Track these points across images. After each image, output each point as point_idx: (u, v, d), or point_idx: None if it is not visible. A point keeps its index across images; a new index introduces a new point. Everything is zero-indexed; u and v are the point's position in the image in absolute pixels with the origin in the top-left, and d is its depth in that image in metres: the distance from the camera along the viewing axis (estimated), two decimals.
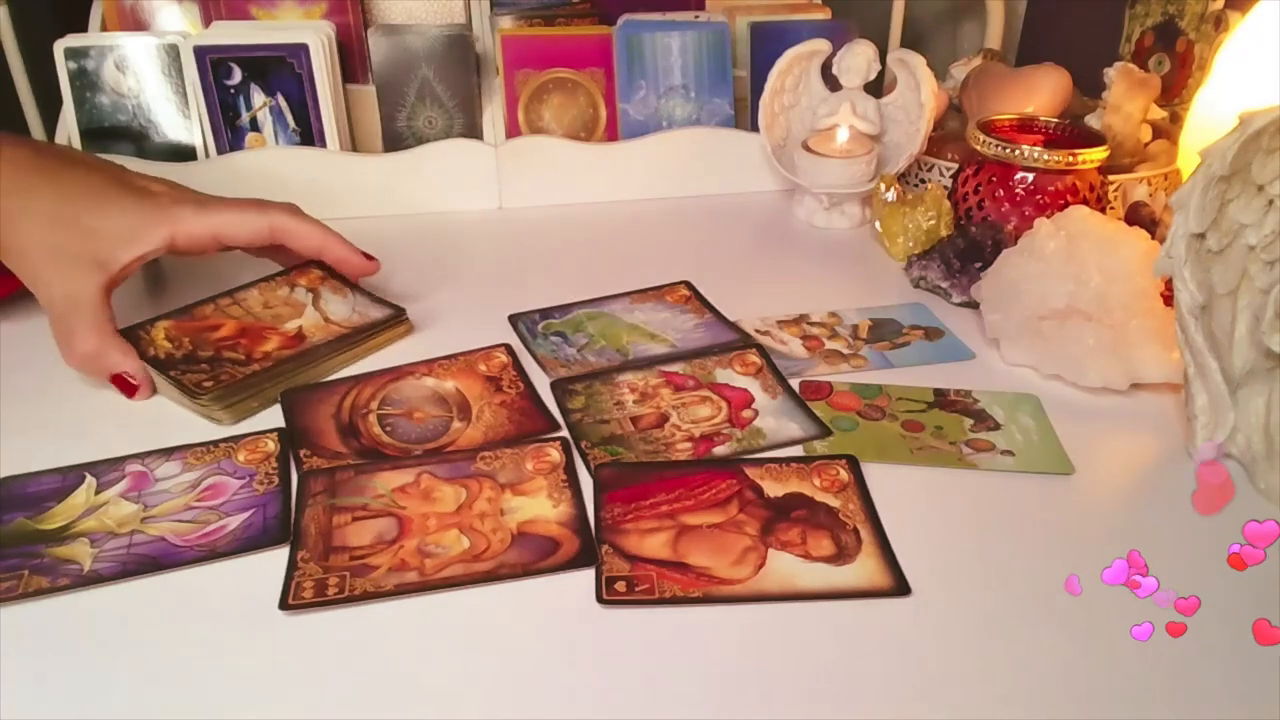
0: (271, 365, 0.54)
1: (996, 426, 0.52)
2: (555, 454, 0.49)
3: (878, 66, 0.75)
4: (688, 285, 0.66)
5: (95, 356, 0.53)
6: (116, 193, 0.54)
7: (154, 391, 0.54)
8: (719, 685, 0.37)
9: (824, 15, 0.87)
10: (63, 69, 0.73)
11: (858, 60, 0.74)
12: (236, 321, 0.58)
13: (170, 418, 0.53)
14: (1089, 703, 0.36)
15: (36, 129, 0.92)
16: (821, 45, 0.77)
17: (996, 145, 0.67)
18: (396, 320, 0.60)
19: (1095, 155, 0.65)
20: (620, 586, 0.41)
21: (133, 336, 0.55)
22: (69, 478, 0.48)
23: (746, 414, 0.53)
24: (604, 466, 0.48)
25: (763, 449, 0.50)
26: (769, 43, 0.81)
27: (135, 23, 0.79)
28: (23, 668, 0.38)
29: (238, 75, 0.74)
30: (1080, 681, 0.37)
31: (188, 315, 0.58)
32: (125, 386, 0.54)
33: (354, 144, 0.80)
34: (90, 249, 0.53)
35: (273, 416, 0.53)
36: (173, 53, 0.74)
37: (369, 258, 0.62)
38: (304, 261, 0.62)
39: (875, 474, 0.48)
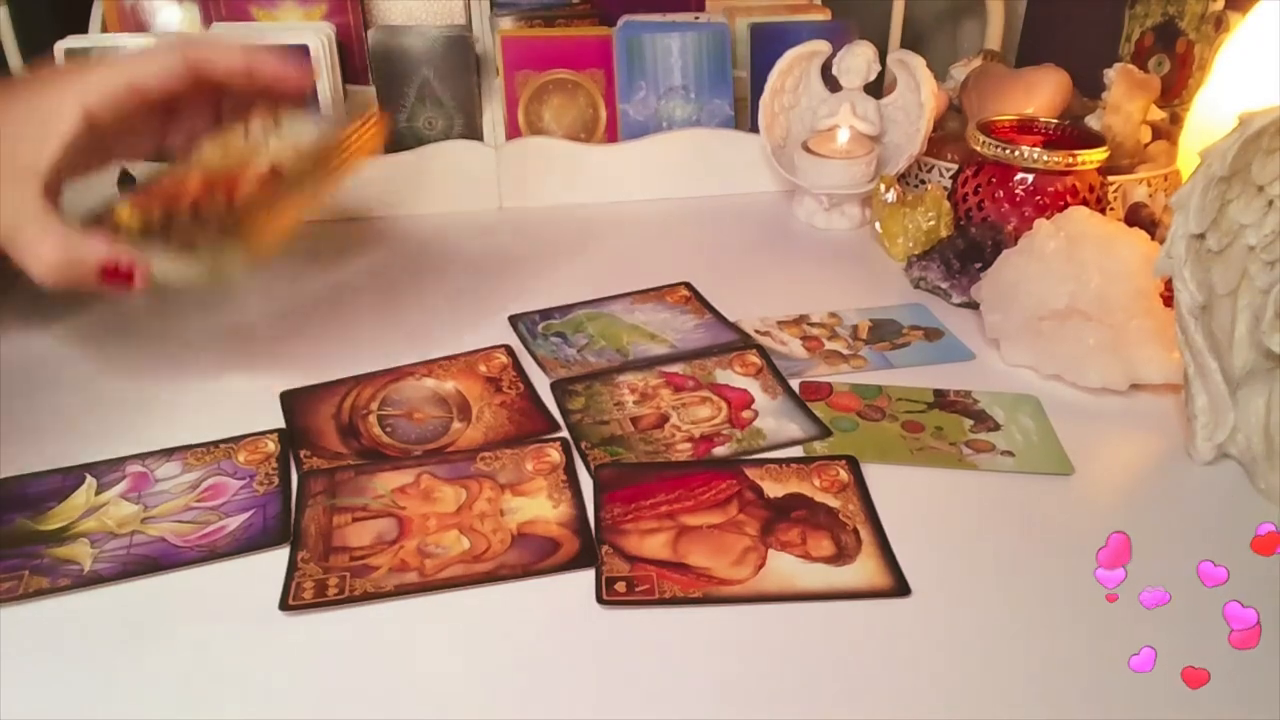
0: (254, 197, 0.49)
1: (996, 427, 0.52)
2: (555, 454, 0.49)
3: (878, 67, 0.75)
4: (688, 286, 0.66)
5: (66, 260, 0.47)
6: (8, 96, 0.48)
7: (149, 279, 0.48)
8: (719, 685, 0.37)
9: (824, 16, 0.87)
10: None
11: (858, 61, 0.74)
12: (201, 176, 0.51)
13: (170, 417, 0.53)
14: (1089, 702, 0.36)
15: None
16: (821, 46, 0.77)
17: (996, 146, 0.67)
18: (368, 117, 0.54)
19: (1095, 156, 0.65)
20: (620, 587, 0.41)
21: (122, 271, 0.48)
22: (69, 478, 0.48)
23: (746, 414, 0.53)
24: (604, 467, 0.48)
25: (763, 449, 0.50)
26: (769, 43, 0.81)
27: (135, 24, 0.79)
28: (23, 668, 0.38)
29: None
30: (1081, 681, 0.37)
31: (144, 191, 0.51)
32: (119, 277, 0.47)
33: None
34: (6, 161, 0.47)
35: (273, 417, 0.53)
36: None
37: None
38: (244, 103, 0.54)
39: (875, 474, 0.48)
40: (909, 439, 0.51)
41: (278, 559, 0.43)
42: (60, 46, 0.73)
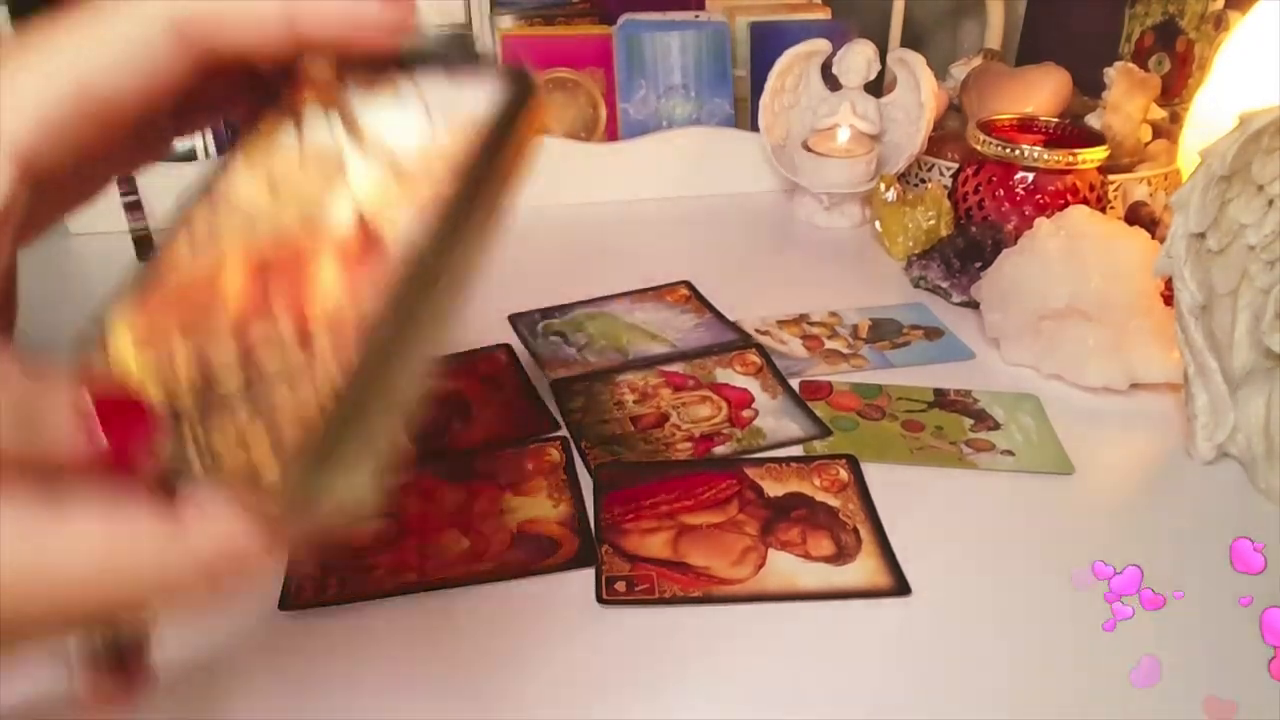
0: (360, 340, 0.23)
1: (996, 426, 0.52)
2: (555, 454, 0.49)
3: (878, 66, 0.75)
4: (688, 285, 0.66)
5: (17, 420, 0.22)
6: None
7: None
8: (719, 685, 0.37)
9: (824, 15, 0.87)
10: None
11: (858, 60, 0.74)
12: (241, 256, 0.25)
13: None
14: (1089, 702, 0.36)
15: None
16: (821, 45, 0.77)
17: (996, 145, 0.66)
18: (520, 84, 0.27)
19: (1095, 155, 0.65)
20: (620, 586, 0.41)
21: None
22: None
23: (746, 414, 0.53)
24: (604, 466, 0.48)
25: (763, 449, 0.50)
26: (769, 43, 0.81)
27: None
28: (23, 667, 0.38)
29: None
30: (1081, 681, 0.37)
31: (153, 275, 0.26)
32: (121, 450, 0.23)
33: None
34: None
35: None
36: None
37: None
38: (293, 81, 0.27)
39: (875, 474, 0.48)
40: (909, 438, 0.51)
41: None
42: None
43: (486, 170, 0.26)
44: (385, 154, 0.26)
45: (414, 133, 0.26)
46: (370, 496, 0.23)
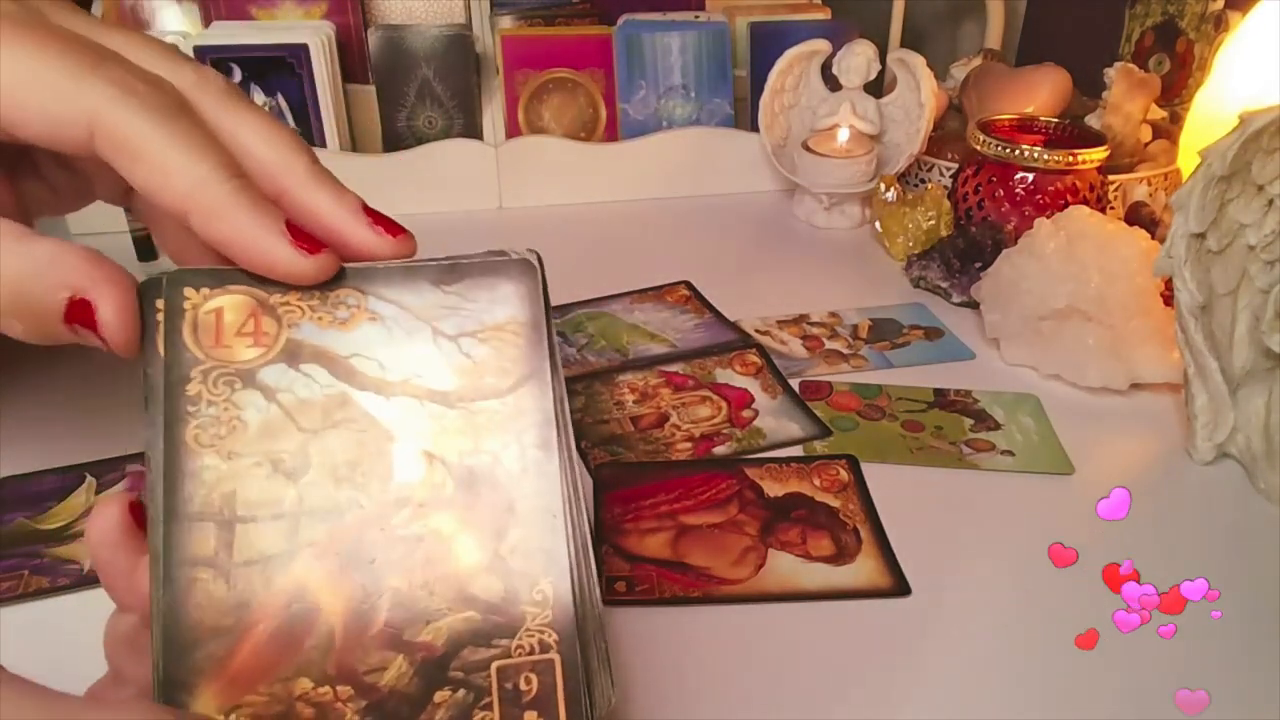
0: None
1: (996, 426, 0.52)
2: None
3: (878, 66, 0.75)
4: (688, 285, 0.66)
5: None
6: None
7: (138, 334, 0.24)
8: (719, 685, 0.37)
9: (824, 15, 0.87)
10: None
11: (858, 60, 0.74)
12: (303, 559, 0.21)
13: None
14: (1089, 702, 0.36)
15: None
16: (821, 45, 0.77)
17: (996, 145, 0.66)
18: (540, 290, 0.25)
19: (1095, 155, 0.65)
20: (620, 586, 0.41)
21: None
22: (69, 478, 0.48)
23: (746, 414, 0.53)
24: (604, 466, 0.48)
25: (763, 449, 0.50)
26: (769, 43, 0.81)
27: (135, 23, 0.79)
28: (23, 668, 0.38)
29: (238, 75, 0.74)
30: (1081, 681, 0.37)
31: (211, 655, 0.21)
32: (85, 317, 0.22)
33: (354, 144, 0.80)
34: None
35: None
36: None
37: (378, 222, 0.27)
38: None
39: (875, 474, 0.48)
40: (909, 438, 0.51)
41: None
42: None
43: (553, 349, 0.23)
44: (417, 390, 0.22)
45: (426, 354, 0.23)
46: (613, 693, 0.23)
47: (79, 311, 0.22)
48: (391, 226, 0.26)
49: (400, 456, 0.22)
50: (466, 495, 0.21)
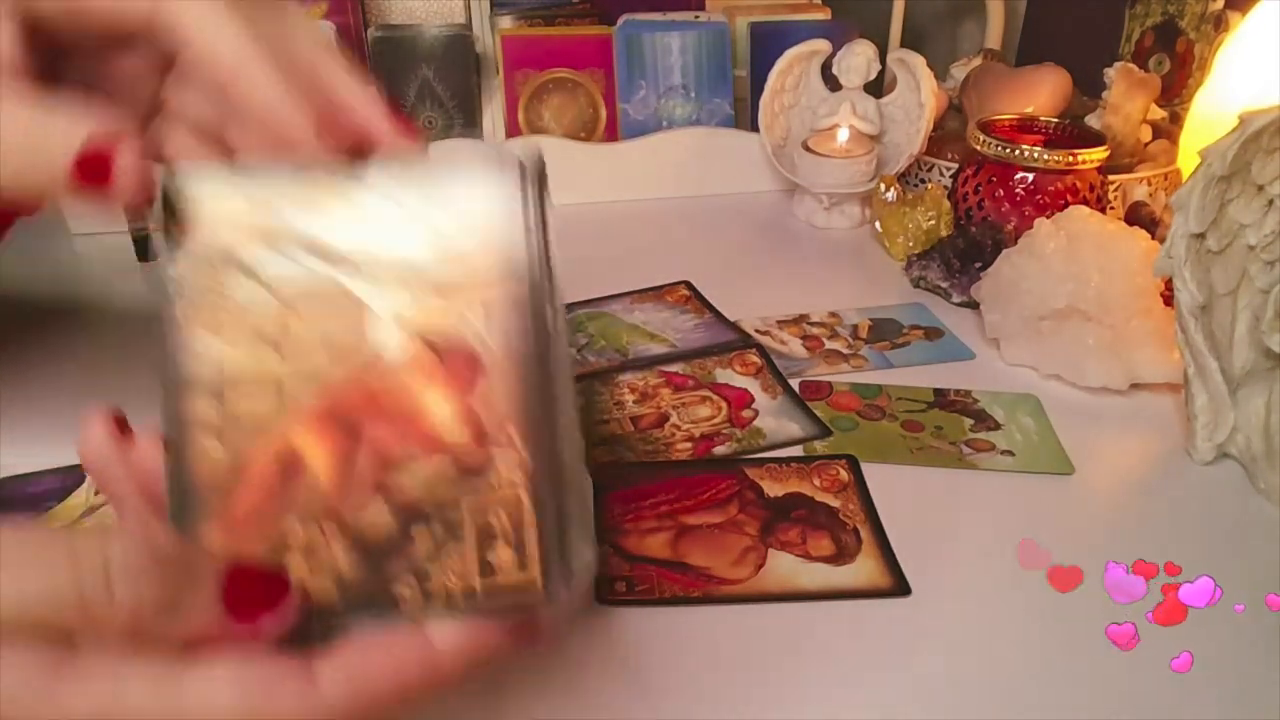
0: (524, 431, 0.24)
1: (996, 426, 0.52)
2: None
3: (878, 66, 0.75)
4: (688, 285, 0.66)
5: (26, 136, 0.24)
6: None
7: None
8: (719, 685, 0.37)
9: (824, 15, 0.87)
10: None
11: (858, 60, 0.74)
12: (298, 425, 0.24)
13: None
14: (1089, 703, 0.36)
15: None
16: (821, 45, 0.77)
17: (996, 145, 0.66)
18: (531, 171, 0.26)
19: (1095, 155, 0.65)
20: (620, 586, 0.41)
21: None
22: (69, 478, 0.48)
23: (746, 414, 0.53)
24: (604, 466, 0.48)
25: (763, 449, 0.50)
26: (769, 43, 0.81)
27: None
28: None
29: None
30: (1081, 681, 0.37)
31: (206, 499, 0.24)
32: (98, 169, 0.24)
33: None
34: None
35: None
36: None
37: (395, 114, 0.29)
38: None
39: (875, 474, 0.48)
40: (909, 438, 0.51)
41: None
42: None
43: (544, 254, 0.25)
44: (395, 269, 0.24)
45: (405, 238, 0.24)
46: (594, 558, 0.25)
47: (93, 164, 0.24)
48: (409, 127, 0.28)
49: (375, 323, 0.24)
50: (436, 356, 0.24)
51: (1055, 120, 0.71)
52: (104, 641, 0.21)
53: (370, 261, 0.24)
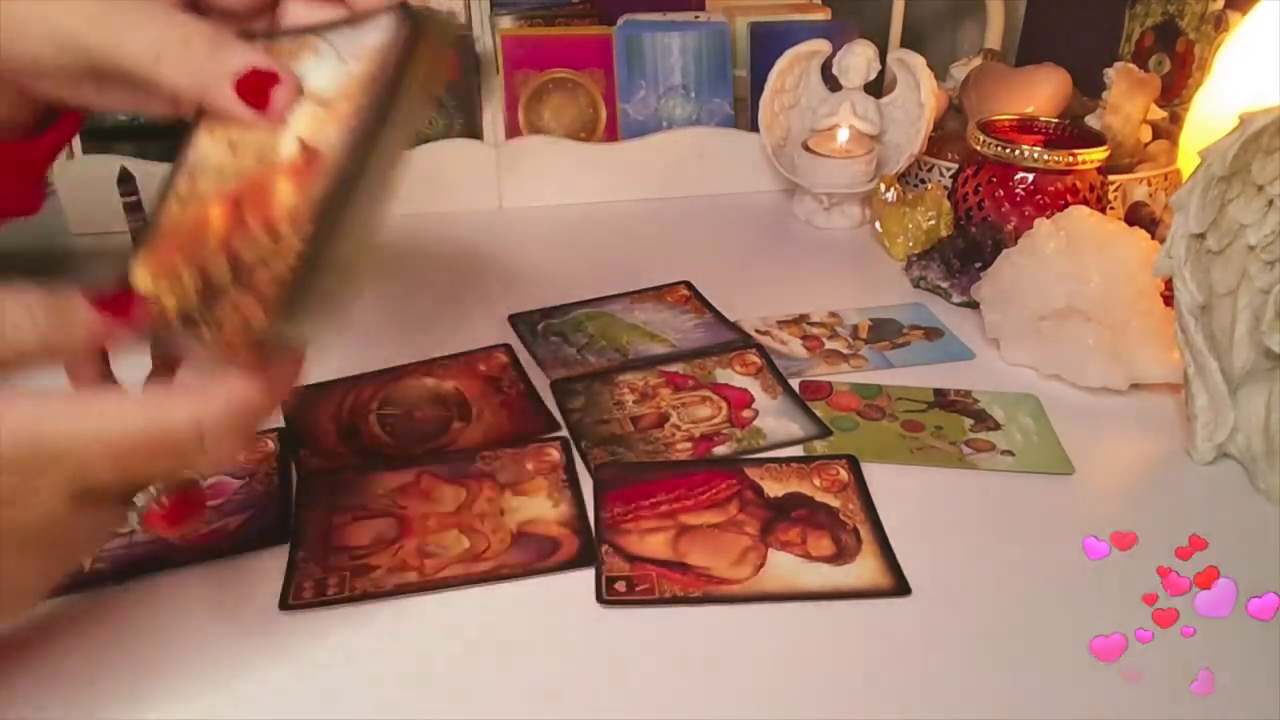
0: (312, 220, 0.31)
1: (997, 426, 0.52)
2: (555, 454, 0.49)
3: (878, 66, 0.75)
4: (688, 285, 0.66)
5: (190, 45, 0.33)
6: None
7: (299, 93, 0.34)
8: (719, 685, 0.37)
9: (824, 15, 0.87)
10: None
11: (858, 60, 0.74)
12: (219, 195, 0.34)
13: None
14: (1089, 702, 0.36)
15: None
16: (821, 45, 0.77)
17: (996, 145, 0.66)
18: (414, 20, 0.33)
19: (1095, 155, 0.65)
20: (620, 586, 0.41)
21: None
22: None
23: (746, 414, 0.53)
24: (604, 466, 0.48)
25: (763, 449, 0.50)
26: (769, 43, 0.81)
27: None
28: (21, 669, 0.38)
29: None
30: (1080, 681, 0.37)
31: (155, 232, 0.35)
32: (261, 88, 0.33)
33: None
34: None
35: (273, 416, 0.53)
36: None
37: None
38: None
39: (875, 474, 0.48)
40: (909, 438, 0.51)
41: (277, 558, 0.43)
42: None
43: (389, 76, 0.32)
44: (313, 94, 0.34)
45: (333, 73, 0.34)
46: (324, 329, 0.32)
47: (254, 83, 0.33)
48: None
49: (286, 134, 0.33)
50: (304, 162, 0.32)
51: (1055, 120, 0.71)
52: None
53: (309, 92, 0.34)
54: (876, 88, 0.77)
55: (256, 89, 0.34)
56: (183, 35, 0.34)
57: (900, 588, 0.41)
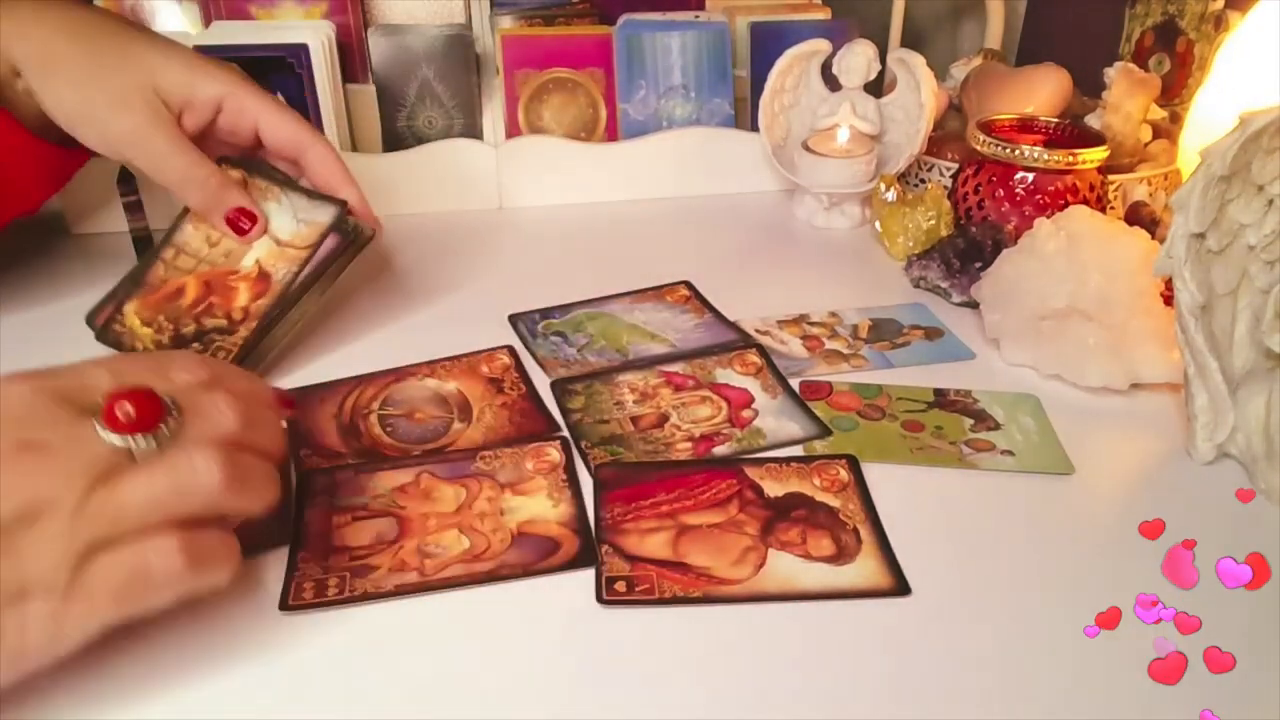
0: (257, 323, 0.53)
1: (997, 426, 0.52)
2: (555, 454, 0.49)
3: (878, 66, 0.75)
4: (688, 285, 0.66)
5: (191, 178, 0.54)
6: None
7: (265, 229, 0.55)
8: (719, 685, 0.37)
9: (824, 15, 0.87)
10: None
11: (858, 60, 0.74)
12: (194, 276, 0.55)
13: None
14: (1089, 702, 0.36)
15: None
16: (821, 45, 0.77)
17: (996, 145, 0.67)
18: (348, 228, 0.55)
19: (1095, 155, 0.65)
20: (620, 586, 0.41)
21: (110, 333, 0.55)
22: None
23: (746, 414, 0.53)
24: (604, 466, 0.48)
25: (763, 449, 0.50)
26: (769, 43, 0.81)
27: (135, 23, 0.78)
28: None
29: None
30: (1080, 681, 0.37)
31: (143, 286, 0.55)
32: (242, 220, 0.55)
33: (354, 144, 0.80)
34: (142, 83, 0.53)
35: None
36: None
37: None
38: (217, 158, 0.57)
39: (875, 474, 0.48)
40: (909, 438, 0.51)
41: (277, 559, 0.43)
42: None
43: (325, 255, 0.55)
44: (272, 233, 0.56)
45: (288, 224, 0.56)
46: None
47: (241, 215, 0.56)
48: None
49: (249, 254, 0.55)
50: (258, 278, 0.55)
51: (1055, 120, 0.71)
52: None
53: (270, 230, 0.56)
54: (876, 88, 0.77)
55: (239, 219, 0.55)
56: (203, 176, 0.54)
57: (900, 588, 0.41)
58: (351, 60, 0.80)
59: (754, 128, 0.80)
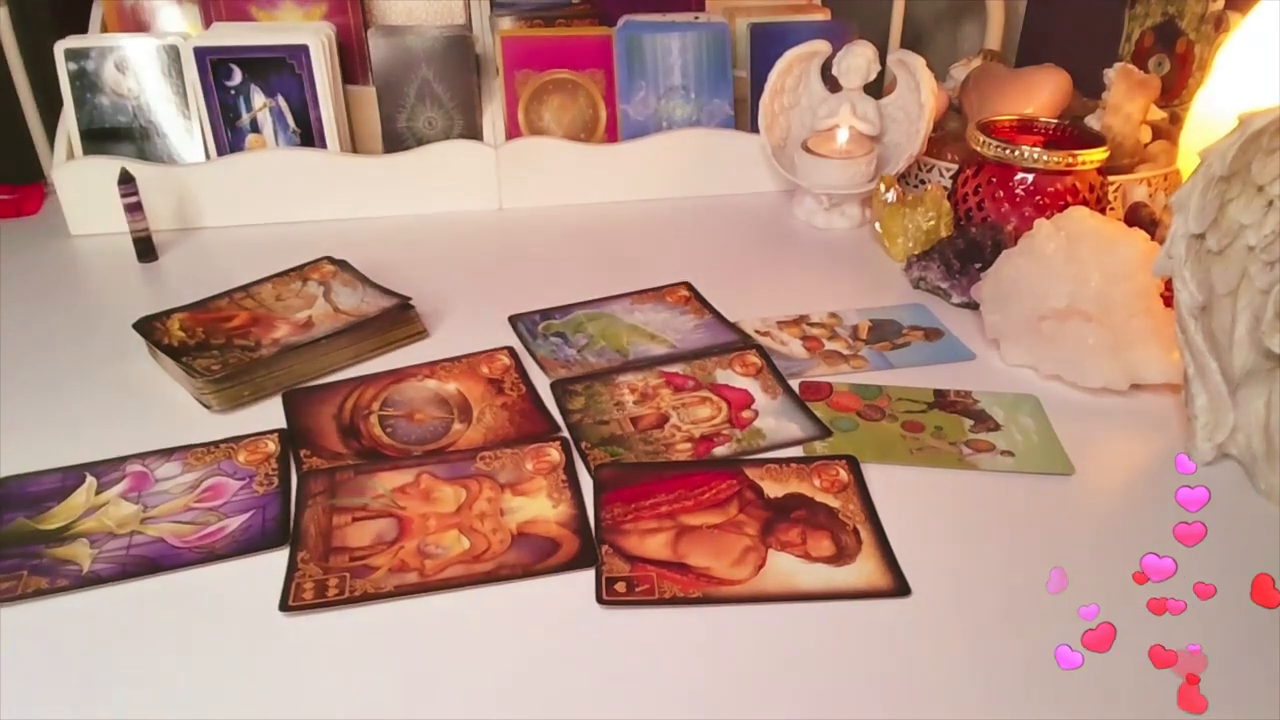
0: (276, 352, 0.56)
1: (996, 427, 0.52)
2: (555, 454, 0.49)
3: (878, 67, 0.75)
4: (688, 286, 0.66)
5: None
6: None
7: None
8: (719, 685, 0.37)
9: (824, 16, 0.87)
10: (63, 70, 0.73)
11: (858, 61, 0.74)
12: (249, 313, 0.61)
13: (171, 417, 0.53)
14: (1089, 702, 0.36)
15: (37, 129, 0.92)
16: (821, 46, 0.77)
17: (996, 146, 0.67)
18: (405, 314, 0.61)
19: (1095, 156, 0.65)
20: (620, 587, 0.41)
21: (148, 326, 0.58)
22: (69, 478, 0.48)
23: (746, 414, 0.53)
24: (604, 467, 0.48)
25: (763, 449, 0.50)
26: (769, 43, 0.81)
27: (135, 24, 0.79)
28: (21, 667, 0.38)
29: (238, 76, 0.74)
30: (1080, 680, 0.37)
31: (202, 308, 0.61)
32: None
33: (354, 144, 0.80)
34: None
35: (274, 416, 0.53)
36: (173, 54, 0.74)
37: None
38: (317, 258, 0.66)
39: (875, 474, 0.48)
40: (909, 439, 0.51)
41: (278, 559, 0.43)
42: (60, 47, 0.73)
43: (360, 332, 0.59)
44: (334, 301, 0.62)
45: (352, 301, 0.61)
46: (211, 402, 0.54)
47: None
48: None
49: (303, 310, 0.62)
50: (302, 329, 0.60)
51: (1055, 121, 0.71)
52: None
53: (333, 299, 0.63)
54: (876, 88, 0.77)
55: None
56: None
57: (900, 588, 0.41)
58: (351, 61, 0.80)
59: (754, 128, 0.80)
